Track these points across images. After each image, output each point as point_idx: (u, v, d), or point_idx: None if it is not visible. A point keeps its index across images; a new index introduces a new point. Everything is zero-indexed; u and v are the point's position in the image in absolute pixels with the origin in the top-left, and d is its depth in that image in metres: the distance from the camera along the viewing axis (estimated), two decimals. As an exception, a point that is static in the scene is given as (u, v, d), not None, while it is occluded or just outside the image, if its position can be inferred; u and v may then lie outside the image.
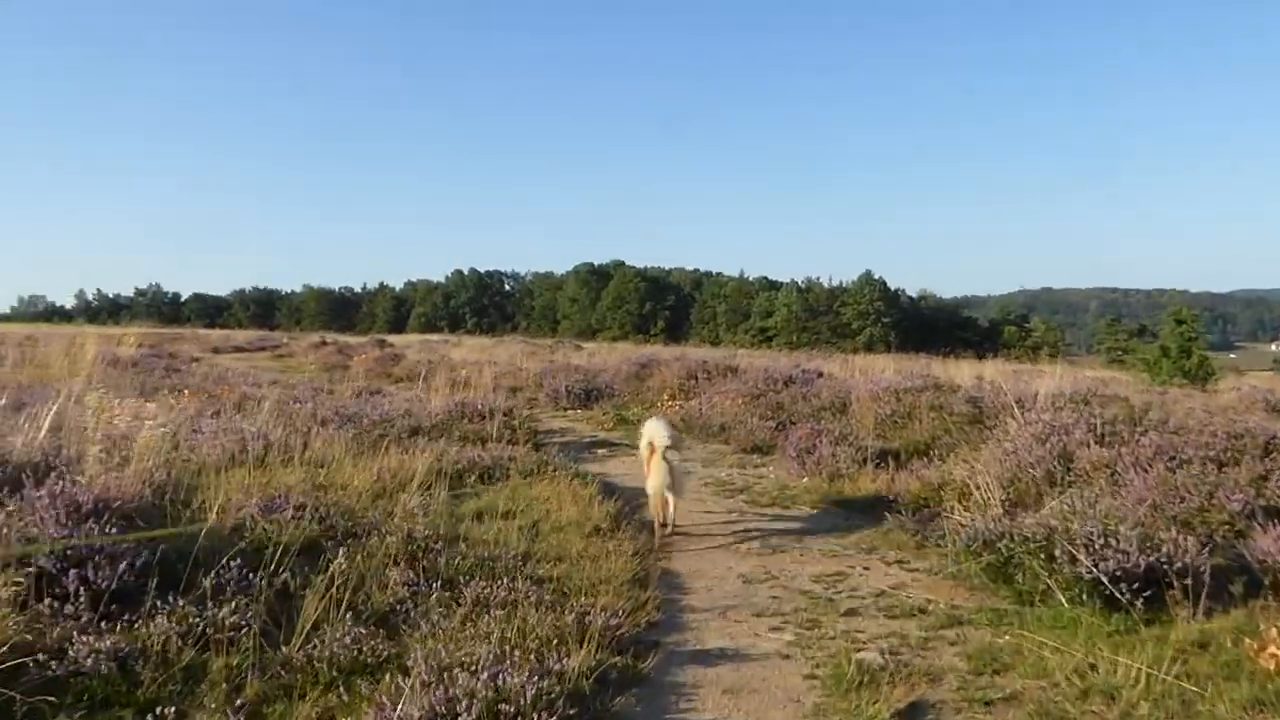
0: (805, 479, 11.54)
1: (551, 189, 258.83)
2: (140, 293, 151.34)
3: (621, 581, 7.05)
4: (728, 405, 16.17)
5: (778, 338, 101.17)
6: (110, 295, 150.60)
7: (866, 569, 7.99)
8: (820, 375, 19.18)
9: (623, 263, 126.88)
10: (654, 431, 9.32)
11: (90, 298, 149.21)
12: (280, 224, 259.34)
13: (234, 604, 5.57)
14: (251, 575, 6.00)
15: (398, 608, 6.14)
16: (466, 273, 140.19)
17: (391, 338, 56.76)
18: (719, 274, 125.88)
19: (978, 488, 8.55)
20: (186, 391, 13.37)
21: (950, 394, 14.24)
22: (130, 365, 20.32)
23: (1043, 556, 6.82)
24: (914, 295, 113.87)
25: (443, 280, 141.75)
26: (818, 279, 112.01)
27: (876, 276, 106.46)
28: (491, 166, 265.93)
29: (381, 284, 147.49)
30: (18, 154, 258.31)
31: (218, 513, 7.32)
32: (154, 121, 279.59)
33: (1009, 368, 32.73)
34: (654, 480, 9.02)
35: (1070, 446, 9.79)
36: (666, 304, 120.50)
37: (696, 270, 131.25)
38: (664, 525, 9.01)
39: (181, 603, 5.53)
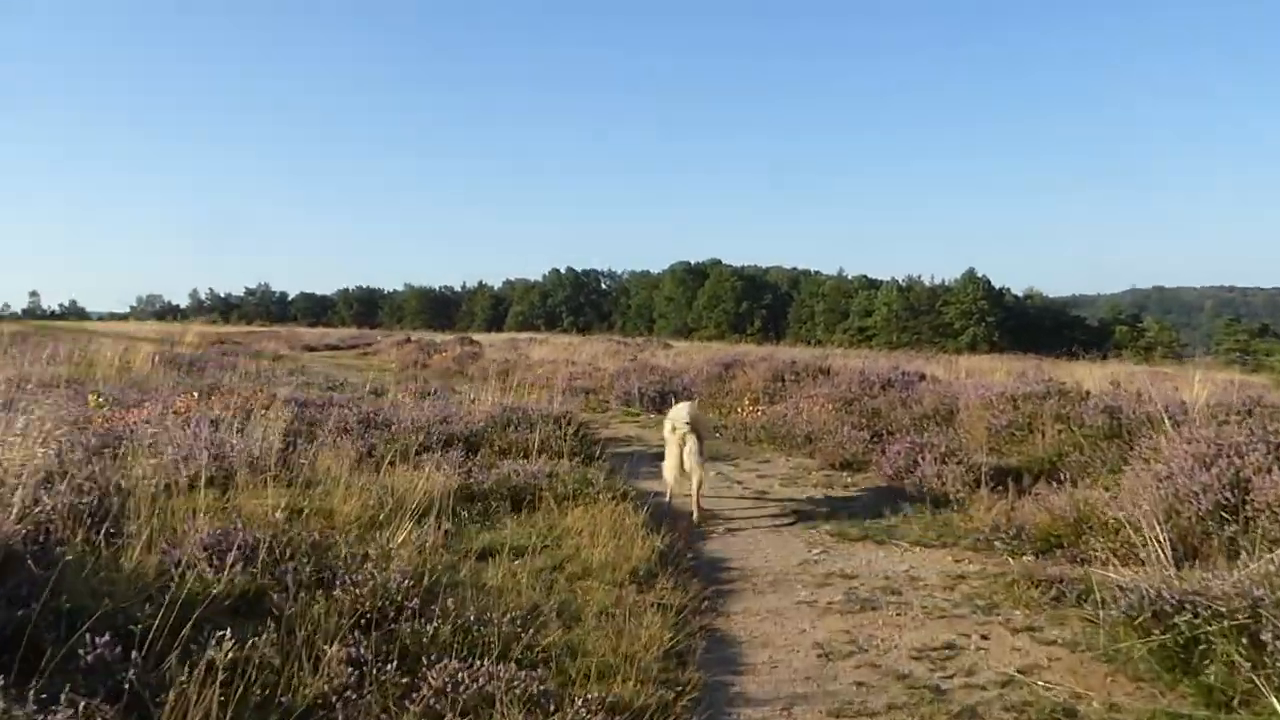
0: (906, 506, 9.55)
1: (649, 187, 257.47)
2: (250, 292, 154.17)
3: (651, 658, 5.20)
4: (816, 412, 14.17)
5: (877, 337, 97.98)
6: (222, 294, 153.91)
7: (985, 638, 5.97)
8: (922, 378, 17.03)
9: (719, 261, 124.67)
10: (676, 415, 9.66)
11: (203, 297, 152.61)
12: (383, 224, 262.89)
13: (79, 707, 3.87)
14: (134, 653, 4.32)
15: (330, 700, 4.40)
16: (563, 271, 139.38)
17: (480, 335, 55.68)
18: (817, 272, 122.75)
19: (1132, 527, 6.49)
20: (196, 394, 11.89)
21: (1078, 402, 12.02)
22: (182, 365, 19.12)
23: (1244, 641, 4.79)
24: (1019, 294, 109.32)
25: (540, 279, 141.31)
26: (919, 277, 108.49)
27: (980, 274, 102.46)
28: (587, 165, 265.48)
29: (480, 283, 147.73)
30: (135, 159, 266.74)
31: (141, 553, 5.70)
32: (261, 127, 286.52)
33: (1128, 369, 29.92)
34: (670, 459, 9.46)
35: (1245, 472, 7.64)
36: (763, 303, 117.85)
37: (794, 269, 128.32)
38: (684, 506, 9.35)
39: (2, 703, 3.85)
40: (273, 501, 7.09)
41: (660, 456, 12.13)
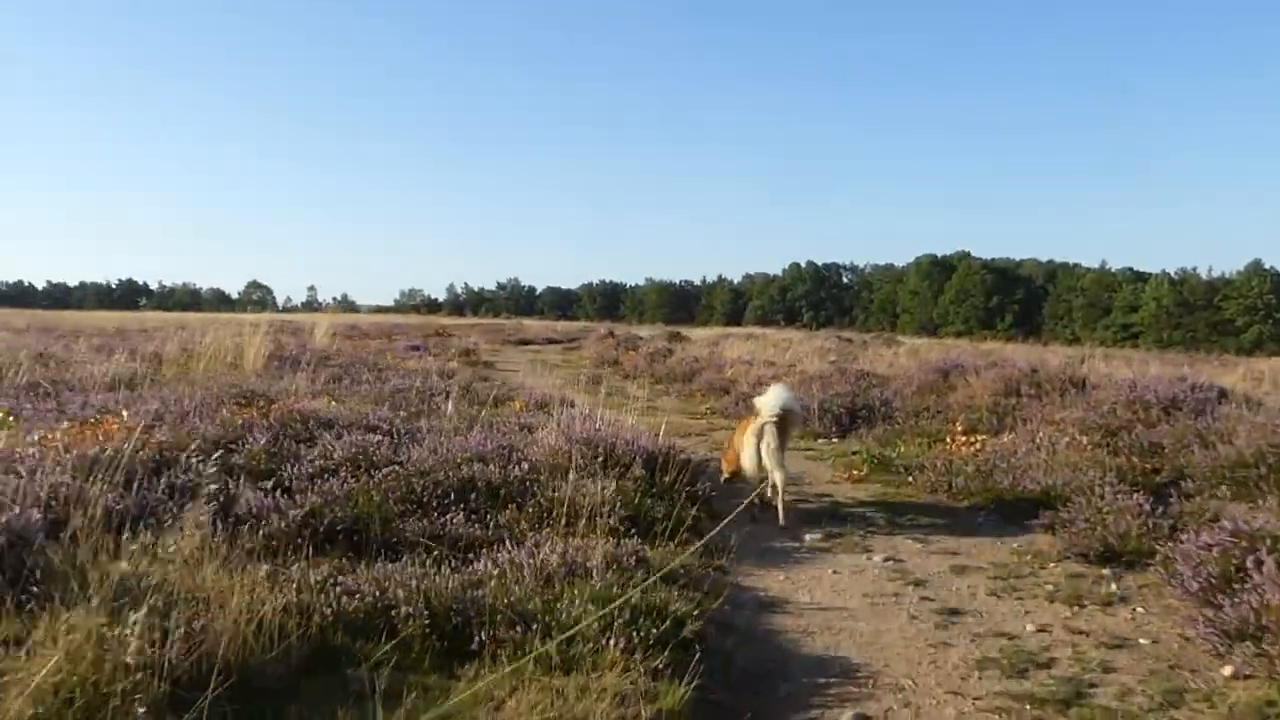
0: (1228, 670, 4.81)
1: (895, 177, 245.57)
2: (501, 286, 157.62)
3: None
4: (1061, 448, 9.37)
5: (1144, 336, 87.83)
6: (476, 289, 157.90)
7: None
8: (1223, 396, 11.72)
9: (968, 254, 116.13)
10: (767, 402, 8.07)
11: (459, 291, 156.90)
12: (626, 220, 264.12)
13: None
14: None
15: None
16: (804, 265, 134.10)
17: (694, 330, 51.66)
18: (1076, 265, 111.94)
19: None
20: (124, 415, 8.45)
21: None
22: (293, 363, 16.18)
23: None
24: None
25: (779, 273, 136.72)
26: (1193, 269, 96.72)
27: (1267, 266, 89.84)
28: (831, 156, 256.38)
29: (720, 277, 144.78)
30: (406, 162, 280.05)
31: None
32: (524, 127, 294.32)
33: None
34: (748, 450, 7.90)
35: None
36: (1015, 297, 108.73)
37: (1050, 261, 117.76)
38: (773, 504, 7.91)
39: None
40: None
41: (813, 518, 7.95)
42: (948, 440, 10.56)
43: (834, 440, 12.41)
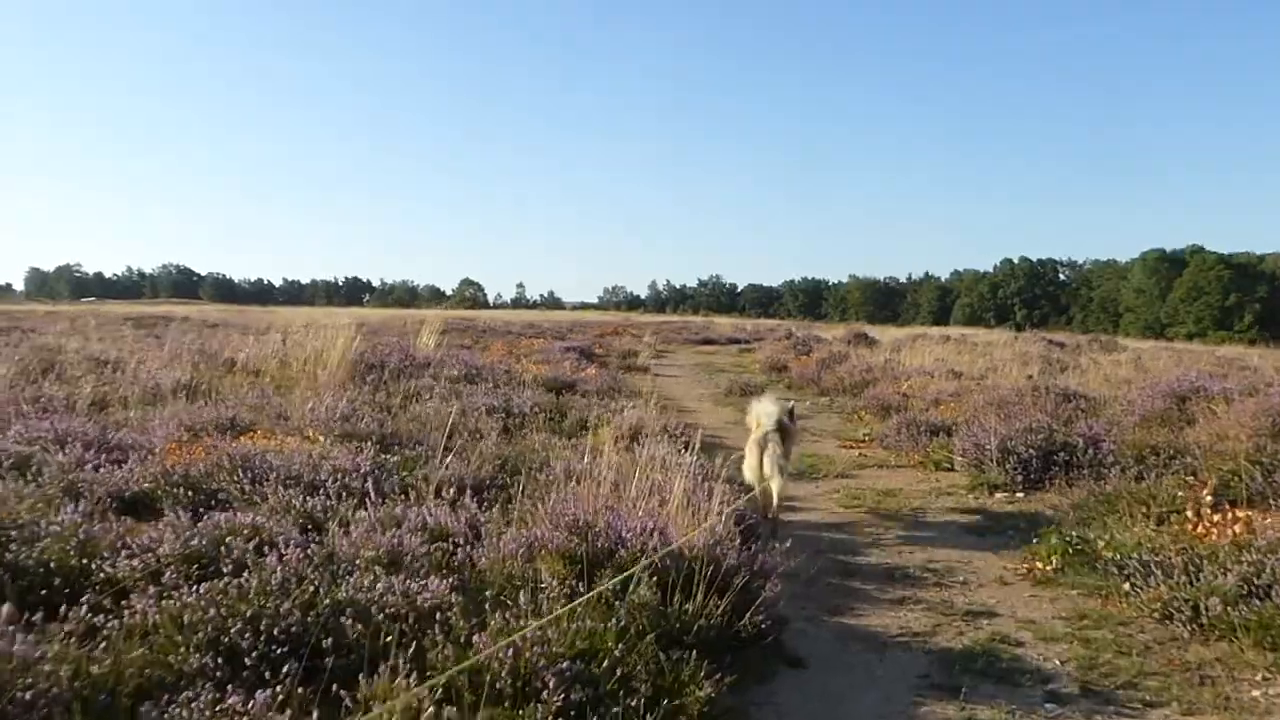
0: None
1: (1118, 168, 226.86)
2: (702, 284, 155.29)
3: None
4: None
5: None
6: (677, 285, 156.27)
7: None
8: None
9: (1201, 248, 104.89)
10: (762, 410, 7.99)
11: (660, 288, 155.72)
12: (830, 216, 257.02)
13: None
14: None
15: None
16: (1016, 261, 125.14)
17: (888, 330, 46.85)
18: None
19: None
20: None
21: None
22: (376, 367, 13.79)
23: None
24: None
25: (990, 270, 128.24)
26: None
27: None
28: (1049, 151, 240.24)
29: (926, 274, 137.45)
30: (612, 166, 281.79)
31: None
32: (730, 122, 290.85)
33: None
34: (751, 459, 7.64)
35: None
36: (1256, 295, 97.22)
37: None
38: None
39: None
40: None
41: (961, 663, 4.59)
42: (1188, 514, 6.86)
43: (1017, 495, 8.83)
